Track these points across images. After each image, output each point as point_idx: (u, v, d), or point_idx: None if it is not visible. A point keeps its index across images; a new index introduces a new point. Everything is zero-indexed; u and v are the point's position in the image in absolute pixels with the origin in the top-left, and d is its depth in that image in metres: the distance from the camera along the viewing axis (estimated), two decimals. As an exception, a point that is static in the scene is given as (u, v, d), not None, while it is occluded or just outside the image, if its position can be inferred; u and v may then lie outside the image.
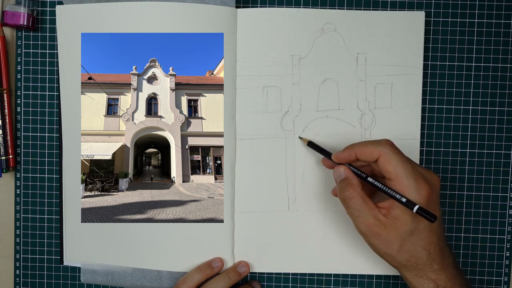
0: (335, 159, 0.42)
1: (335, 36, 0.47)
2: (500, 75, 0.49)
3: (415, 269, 0.39)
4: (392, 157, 0.38)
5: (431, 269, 0.39)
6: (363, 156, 0.40)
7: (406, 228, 0.37)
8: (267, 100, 0.48)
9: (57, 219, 0.51)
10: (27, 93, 0.50)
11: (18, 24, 0.48)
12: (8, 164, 0.49)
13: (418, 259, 0.39)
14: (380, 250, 0.39)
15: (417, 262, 0.39)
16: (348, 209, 0.40)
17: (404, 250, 0.38)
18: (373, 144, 0.39)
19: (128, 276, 0.49)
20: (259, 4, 0.49)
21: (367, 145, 0.40)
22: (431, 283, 0.39)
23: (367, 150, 0.39)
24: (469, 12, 0.48)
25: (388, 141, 0.40)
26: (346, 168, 0.41)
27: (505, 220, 0.49)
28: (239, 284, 0.49)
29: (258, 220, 0.48)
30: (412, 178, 0.37)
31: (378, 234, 0.38)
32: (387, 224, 0.38)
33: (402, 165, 0.38)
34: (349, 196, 0.39)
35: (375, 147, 0.39)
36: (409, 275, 0.40)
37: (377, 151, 0.39)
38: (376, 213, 0.38)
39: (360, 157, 0.40)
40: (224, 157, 0.48)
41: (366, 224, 0.38)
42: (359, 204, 0.38)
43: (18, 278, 0.51)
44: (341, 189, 0.40)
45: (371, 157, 0.39)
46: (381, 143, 0.39)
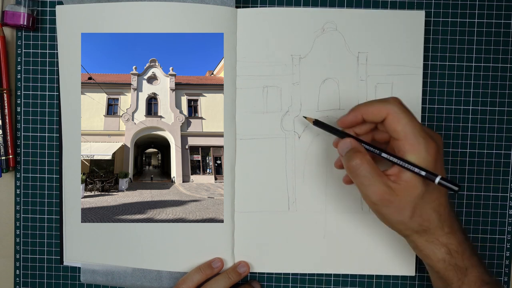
0: (341, 124, 0.40)
1: (336, 35, 0.47)
2: (500, 75, 0.49)
3: (427, 234, 0.38)
4: (401, 116, 0.36)
5: (442, 232, 0.38)
6: (370, 116, 0.38)
7: (417, 191, 0.36)
8: (267, 100, 0.48)
9: (57, 219, 0.51)
10: (27, 93, 0.50)
11: (18, 24, 0.48)
12: (8, 164, 0.49)
13: (430, 222, 0.38)
14: (392, 218, 0.38)
15: (429, 226, 0.38)
16: (357, 178, 0.38)
17: (416, 215, 0.37)
18: (380, 102, 0.38)
19: (128, 276, 0.49)
20: (259, 4, 0.49)
21: (373, 104, 0.38)
22: (443, 248, 0.38)
23: (373, 110, 0.38)
24: (469, 12, 0.48)
25: (396, 98, 0.38)
26: (352, 139, 0.39)
27: (505, 220, 0.49)
28: (239, 284, 0.49)
29: (258, 220, 0.48)
30: (422, 137, 0.36)
31: (390, 201, 0.37)
32: (398, 190, 0.36)
33: (411, 124, 0.36)
34: (358, 164, 0.37)
35: (382, 105, 0.37)
36: (420, 241, 0.39)
37: (385, 109, 0.37)
38: (386, 180, 0.37)
39: (367, 118, 0.38)
40: (224, 157, 0.48)
41: (378, 192, 0.37)
42: (369, 171, 0.37)
43: (18, 278, 0.51)
44: (348, 158, 0.38)
45: (379, 117, 0.37)
46: (388, 101, 0.37)
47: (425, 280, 0.50)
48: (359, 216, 0.48)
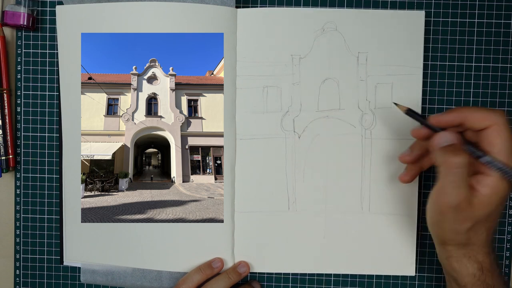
0: (435, 122, 0.39)
1: (336, 35, 0.47)
2: (500, 75, 0.49)
3: (467, 248, 0.38)
4: (504, 130, 0.35)
5: (482, 251, 0.38)
6: (473, 121, 0.36)
7: (488, 209, 0.36)
8: (267, 100, 0.48)
9: (57, 219, 0.51)
10: (27, 93, 0.50)
11: (18, 24, 0.48)
12: (8, 164, 0.49)
13: (478, 240, 0.37)
14: (450, 226, 0.37)
15: (476, 242, 0.38)
16: (449, 177, 0.36)
17: (473, 230, 0.37)
18: (488, 110, 0.36)
19: (128, 276, 0.49)
20: (259, 4, 0.49)
21: (480, 110, 0.37)
22: (476, 264, 0.38)
23: (479, 116, 0.36)
24: (469, 12, 0.48)
25: (503, 112, 0.37)
26: (459, 135, 0.37)
27: (505, 220, 0.49)
28: (239, 284, 0.49)
29: (258, 220, 0.48)
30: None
31: (463, 209, 0.36)
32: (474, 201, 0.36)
33: (510, 141, 0.36)
34: (459, 163, 0.35)
35: (489, 114, 0.36)
36: (457, 253, 0.38)
37: (491, 119, 0.36)
38: (468, 190, 0.36)
39: (468, 122, 0.37)
40: (224, 157, 0.48)
41: (460, 197, 0.35)
42: (464, 177, 0.35)
43: (18, 278, 0.51)
44: (448, 152, 0.36)
45: (482, 125, 0.36)
46: (496, 111, 0.36)
47: (425, 280, 0.50)
48: (359, 216, 0.48)
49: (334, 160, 0.48)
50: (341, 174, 0.48)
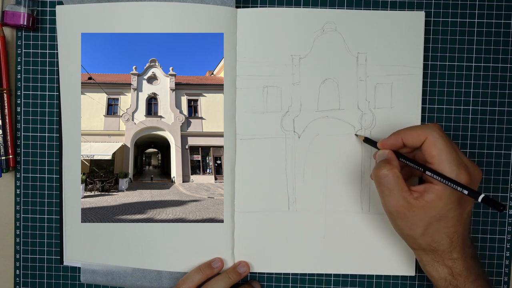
0: (380, 146, 0.42)
1: (336, 35, 0.47)
2: (500, 75, 0.49)
3: (434, 254, 0.40)
4: (438, 141, 0.38)
5: (449, 257, 0.39)
6: (410, 140, 0.39)
7: (435, 212, 0.38)
8: (267, 100, 0.48)
9: (57, 219, 0.51)
10: (27, 93, 0.50)
11: (18, 24, 0.48)
12: (8, 164, 0.49)
13: (439, 245, 0.39)
14: (404, 231, 0.40)
15: (438, 247, 0.39)
16: (380, 187, 0.40)
17: (427, 234, 0.39)
18: (420, 127, 0.39)
19: (128, 276, 0.49)
20: (259, 4, 0.49)
21: (414, 129, 0.40)
22: (446, 269, 0.40)
23: (414, 134, 0.39)
24: (469, 12, 0.48)
25: (436, 124, 0.39)
26: (391, 151, 0.41)
27: (505, 220, 0.49)
28: (239, 284, 0.49)
29: (258, 220, 0.48)
30: (455, 166, 0.37)
31: (405, 215, 0.38)
32: (416, 206, 0.38)
33: (447, 150, 0.37)
34: (383, 174, 0.39)
35: (422, 130, 0.39)
36: (425, 258, 0.41)
37: (424, 133, 0.38)
38: (407, 196, 0.38)
39: (407, 142, 0.40)
40: (224, 157, 0.48)
41: (395, 204, 0.38)
42: (392, 184, 0.38)
43: (18, 278, 0.51)
44: (378, 166, 0.40)
45: (418, 141, 0.39)
46: (428, 126, 0.39)
47: (425, 280, 0.50)
48: (359, 216, 0.48)
49: (334, 160, 0.48)
50: (341, 174, 0.48)
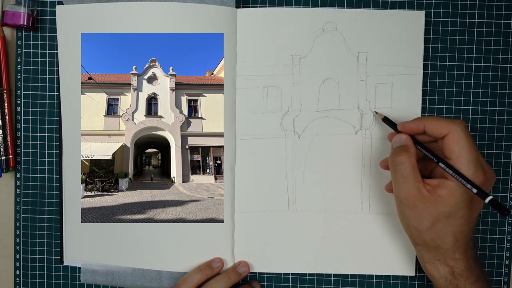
0: (401, 128, 0.42)
1: (336, 35, 0.47)
2: (500, 75, 0.49)
3: (436, 251, 0.39)
4: (461, 138, 0.37)
5: (452, 256, 0.39)
6: (433, 129, 0.39)
7: (445, 209, 0.37)
8: (267, 100, 0.48)
9: (57, 219, 0.51)
10: (27, 93, 0.50)
11: (18, 24, 0.48)
12: (8, 164, 0.49)
13: (444, 243, 0.39)
14: (410, 222, 0.39)
15: (442, 245, 0.39)
16: (395, 173, 0.39)
17: (433, 230, 0.38)
18: (447, 120, 0.39)
19: (128, 276, 0.49)
20: (259, 4, 0.49)
21: (439, 119, 0.39)
22: (447, 268, 0.39)
23: (438, 125, 0.39)
24: (469, 12, 0.48)
25: (462, 121, 0.39)
26: (408, 137, 0.40)
27: (505, 220, 0.49)
28: (239, 284, 0.49)
29: (258, 220, 0.48)
30: (473, 165, 0.37)
31: (415, 206, 0.38)
32: (427, 199, 0.38)
33: (468, 148, 0.37)
34: (400, 161, 0.39)
35: (447, 123, 0.38)
36: (427, 255, 0.40)
37: (449, 127, 0.38)
38: (420, 186, 0.38)
39: (429, 130, 0.39)
40: (224, 157, 0.48)
41: (407, 192, 0.38)
42: (408, 172, 0.38)
43: (18, 278, 0.51)
44: (395, 152, 0.40)
45: (440, 133, 0.38)
46: (454, 121, 0.39)
47: (425, 280, 0.50)
48: (359, 216, 0.48)
49: (334, 160, 0.48)
50: (341, 174, 0.48)
